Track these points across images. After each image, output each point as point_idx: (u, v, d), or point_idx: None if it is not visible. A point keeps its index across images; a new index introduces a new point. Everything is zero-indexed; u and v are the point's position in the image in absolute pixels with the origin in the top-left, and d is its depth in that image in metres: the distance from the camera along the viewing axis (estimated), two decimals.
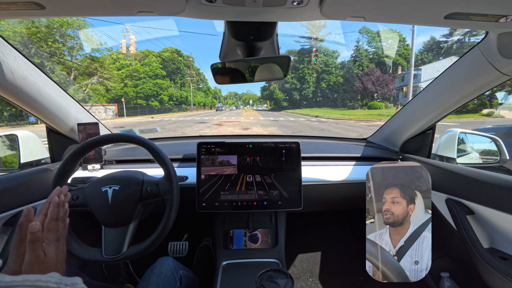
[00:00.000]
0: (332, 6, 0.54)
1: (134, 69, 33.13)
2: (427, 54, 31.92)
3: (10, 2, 0.51)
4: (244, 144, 1.04)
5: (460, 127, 1.24)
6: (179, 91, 38.29)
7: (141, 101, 32.12)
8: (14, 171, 1.01)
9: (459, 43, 26.17)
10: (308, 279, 1.49)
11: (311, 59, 35.70)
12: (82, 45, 21.60)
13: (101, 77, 23.59)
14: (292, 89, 41.59)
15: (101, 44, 24.71)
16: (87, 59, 22.57)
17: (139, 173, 0.88)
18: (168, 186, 0.82)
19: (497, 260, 0.81)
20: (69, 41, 20.09)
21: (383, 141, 1.40)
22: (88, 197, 0.82)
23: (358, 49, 36.58)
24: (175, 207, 0.81)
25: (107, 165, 1.20)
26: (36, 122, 14.14)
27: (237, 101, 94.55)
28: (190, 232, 1.56)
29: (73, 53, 20.88)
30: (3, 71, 0.77)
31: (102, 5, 0.55)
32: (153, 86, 33.76)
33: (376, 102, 28.19)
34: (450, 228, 0.97)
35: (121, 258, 0.79)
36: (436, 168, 1.02)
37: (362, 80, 30.10)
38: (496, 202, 0.79)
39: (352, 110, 29.29)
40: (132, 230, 0.83)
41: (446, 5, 0.53)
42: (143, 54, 35.80)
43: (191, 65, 40.06)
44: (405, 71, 28.88)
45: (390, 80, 28.73)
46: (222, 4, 0.55)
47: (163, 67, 36.65)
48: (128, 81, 31.91)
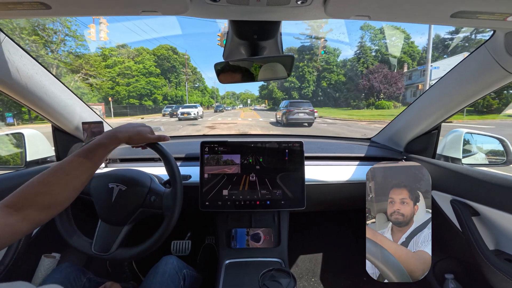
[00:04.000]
0: (336, 4, 0.54)
1: (127, 67, 30.45)
2: (433, 52, 31.19)
3: (17, 2, 0.52)
4: (247, 144, 1.04)
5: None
6: (175, 90, 36.10)
7: (134, 100, 29.89)
8: (20, 169, 1.02)
9: (465, 40, 25.33)
10: (311, 279, 1.48)
11: (319, 51, 32.40)
12: (64, 39, 20.31)
13: (87, 75, 22.36)
14: (292, 88, 39.92)
15: (84, 39, 22.39)
16: (70, 55, 21.15)
17: (147, 178, 0.89)
18: (171, 202, 0.82)
19: (503, 262, 0.80)
20: (50, 35, 18.49)
21: (387, 141, 1.38)
22: (94, 188, 0.83)
23: (362, 46, 34.23)
24: (172, 225, 0.81)
25: (112, 164, 1.21)
26: (14, 124, 13.57)
27: (235, 101, 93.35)
28: (193, 231, 1.57)
29: (54, 47, 19.61)
30: (9, 70, 0.78)
31: (107, 4, 0.55)
32: (146, 84, 31.44)
33: (384, 101, 26.57)
34: (455, 229, 0.95)
35: (106, 258, 0.80)
36: (441, 168, 1.01)
37: (368, 78, 28.01)
38: (502, 203, 0.78)
39: (358, 110, 27.47)
40: (125, 232, 0.83)
41: (453, 3, 0.52)
42: (137, 51, 33.44)
43: (186, 63, 38.32)
44: (421, 67, 26.50)
45: (399, 78, 26.80)
46: (226, 3, 0.55)
47: (158, 65, 34.29)
48: (120, 80, 29.50)
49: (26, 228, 0.50)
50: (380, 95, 27.67)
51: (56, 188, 0.54)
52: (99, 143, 0.62)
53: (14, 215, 0.48)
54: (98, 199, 0.82)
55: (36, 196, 0.51)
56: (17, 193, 0.50)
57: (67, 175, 0.56)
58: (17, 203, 0.49)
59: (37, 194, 0.51)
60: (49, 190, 0.53)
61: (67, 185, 0.55)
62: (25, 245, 0.91)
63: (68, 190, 0.56)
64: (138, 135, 0.71)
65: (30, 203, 0.50)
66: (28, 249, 0.94)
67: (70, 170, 0.56)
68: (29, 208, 0.50)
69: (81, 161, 0.58)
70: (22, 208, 0.49)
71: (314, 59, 38.27)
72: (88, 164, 0.59)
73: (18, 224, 0.48)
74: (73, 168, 0.57)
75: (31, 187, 0.52)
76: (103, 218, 0.83)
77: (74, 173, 0.57)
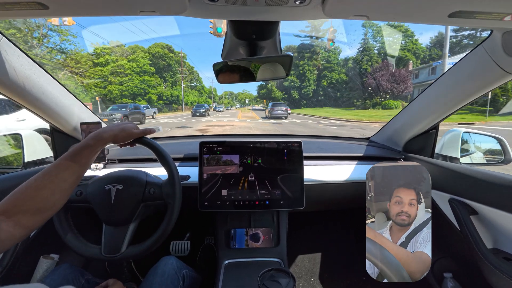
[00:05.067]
0: (334, 4, 0.54)
1: (120, 65, 29.03)
2: (435, 49, 30.23)
3: (14, 2, 0.51)
4: (246, 144, 1.04)
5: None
6: (170, 89, 34.78)
7: (127, 100, 27.97)
8: (18, 170, 1.02)
9: (470, 38, 24.69)
10: (310, 279, 1.49)
11: (327, 43, 29.04)
12: (47, 34, 18.79)
13: (72, 72, 20.93)
14: (292, 88, 38.96)
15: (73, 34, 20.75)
16: (53, 50, 19.62)
17: (143, 174, 0.89)
18: (170, 189, 0.82)
19: (501, 261, 0.80)
20: (31, 29, 17.25)
21: (386, 140, 1.39)
22: (91, 194, 0.83)
23: (366, 43, 32.53)
24: (177, 210, 0.81)
25: (110, 164, 1.21)
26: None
27: (233, 101, 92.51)
28: (192, 231, 1.56)
29: (34, 42, 18.09)
30: (6, 70, 0.78)
31: (105, 4, 0.55)
32: (140, 83, 30.01)
33: (392, 101, 24.96)
34: (453, 228, 0.96)
35: (119, 258, 0.80)
36: (439, 168, 1.01)
37: (374, 76, 26.51)
38: (500, 202, 0.78)
39: (364, 110, 25.68)
40: (132, 230, 0.83)
41: (450, 3, 0.52)
42: (131, 50, 32.08)
43: (182, 61, 37.17)
44: (436, 63, 24.18)
45: (407, 76, 25.09)
46: (225, 3, 0.55)
47: (152, 63, 33.08)
48: (112, 78, 28.11)
49: (19, 233, 0.51)
50: (386, 94, 26.09)
51: (45, 192, 0.54)
52: (85, 145, 0.63)
53: (6, 221, 0.49)
54: (97, 204, 0.82)
55: (25, 202, 0.52)
56: (7, 199, 0.51)
57: (55, 178, 0.56)
58: (8, 209, 0.50)
59: (26, 199, 0.52)
60: (38, 195, 0.53)
61: (56, 188, 0.56)
62: (24, 247, 0.91)
63: (57, 194, 0.56)
64: (123, 132, 0.71)
65: (20, 209, 0.51)
66: (26, 251, 0.93)
67: (58, 173, 0.57)
68: (20, 214, 0.51)
69: (68, 164, 0.59)
70: (13, 214, 0.50)
71: (314, 57, 37.36)
72: (75, 167, 0.60)
73: (11, 230, 0.49)
74: (60, 171, 0.58)
75: (20, 193, 0.53)
76: (106, 222, 0.83)
77: (61, 176, 0.57)
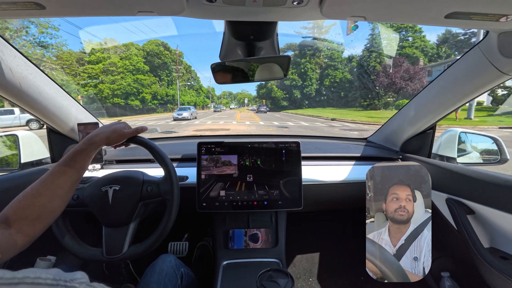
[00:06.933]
0: (332, 5, 0.54)
1: (111, 63, 27.38)
2: (442, 47, 29.51)
3: (10, 2, 0.51)
4: (244, 144, 1.04)
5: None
6: (166, 89, 33.35)
7: (119, 99, 26.80)
8: (14, 171, 1.01)
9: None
10: (309, 279, 1.49)
11: (349, 27, 22.91)
12: (26, 26, 17.61)
13: (52, 68, 19.58)
14: (293, 87, 37.66)
15: (54, 27, 19.67)
16: (30, 45, 18.43)
17: (139, 173, 0.88)
18: (168, 186, 0.82)
19: (498, 260, 0.81)
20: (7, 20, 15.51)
21: (384, 140, 1.39)
22: (89, 197, 0.82)
23: (374, 38, 29.85)
24: (176, 207, 0.81)
25: (107, 165, 1.20)
26: None
27: (231, 101, 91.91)
28: (190, 232, 1.56)
29: (12, 34, 16.90)
30: (3, 70, 0.77)
31: (103, 5, 0.55)
32: (133, 82, 28.29)
33: (406, 100, 20.25)
34: (451, 228, 0.96)
35: (121, 258, 0.79)
36: (436, 167, 1.02)
37: (386, 73, 23.40)
38: (496, 201, 0.79)
39: (375, 110, 22.82)
40: (132, 230, 0.83)
41: (447, 5, 0.53)
42: (125, 47, 30.76)
43: (177, 59, 36.01)
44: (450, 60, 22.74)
45: (423, 74, 22.05)
46: (222, 4, 0.55)
47: (147, 61, 31.55)
48: (103, 77, 26.65)
49: (22, 241, 0.52)
50: (397, 93, 23.18)
51: (42, 199, 0.55)
52: (78, 150, 0.63)
53: (8, 229, 0.50)
54: (95, 206, 0.81)
55: (24, 209, 0.53)
56: (8, 208, 0.53)
57: (50, 185, 0.57)
58: (9, 217, 0.51)
59: (24, 207, 0.53)
60: (36, 202, 0.54)
61: (52, 195, 0.57)
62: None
63: (55, 200, 0.57)
64: (114, 133, 0.71)
65: (20, 217, 0.52)
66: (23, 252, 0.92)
67: (53, 180, 0.58)
68: (20, 221, 0.52)
69: (62, 169, 0.60)
70: (14, 222, 0.51)
71: (317, 55, 36.21)
72: (70, 172, 0.61)
73: (13, 237, 0.50)
74: (56, 178, 0.58)
75: (18, 202, 0.54)
76: (106, 223, 0.82)
77: (57, 182, 0.58)
